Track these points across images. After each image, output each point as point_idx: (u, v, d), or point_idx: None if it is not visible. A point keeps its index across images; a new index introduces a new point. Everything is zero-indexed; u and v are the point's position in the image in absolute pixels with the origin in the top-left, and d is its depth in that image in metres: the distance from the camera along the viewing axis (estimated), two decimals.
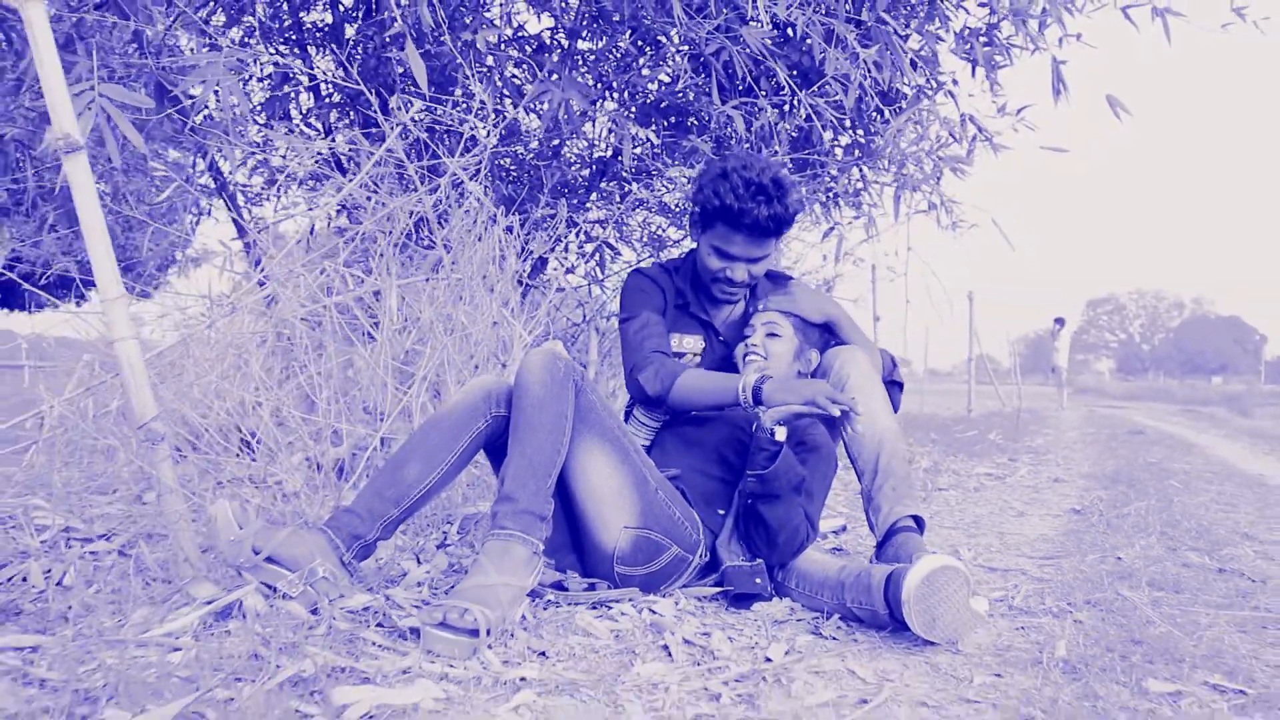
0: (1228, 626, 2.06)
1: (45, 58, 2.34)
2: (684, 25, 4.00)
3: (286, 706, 1.43)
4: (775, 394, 2.32)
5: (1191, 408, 19.14)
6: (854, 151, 5.75)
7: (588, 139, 5.70)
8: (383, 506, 2.04)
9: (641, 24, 4.49)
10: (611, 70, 5.22)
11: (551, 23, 5.17)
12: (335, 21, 5.19)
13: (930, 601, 1.86)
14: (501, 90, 4.84)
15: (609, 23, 4.82)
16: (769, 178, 2.49)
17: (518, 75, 5.22)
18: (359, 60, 5.00)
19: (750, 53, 4.14)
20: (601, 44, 5.25)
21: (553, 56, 5.02)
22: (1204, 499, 4.18)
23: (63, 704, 1.39)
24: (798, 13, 4.15)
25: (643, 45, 5.11)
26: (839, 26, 4.21)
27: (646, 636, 1.92)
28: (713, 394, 2.47)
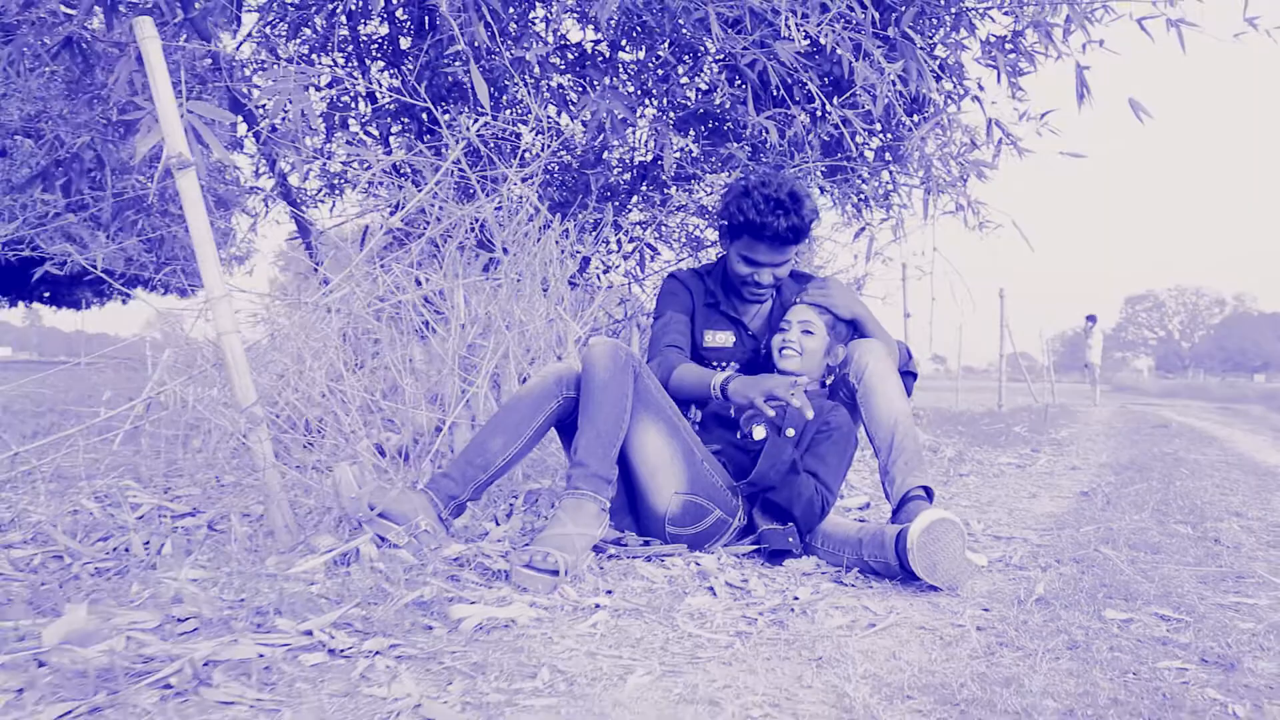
0: (1190, 578, 2.42)
1: (159, 84, 2.75)
2: (721, 40, 4.36)
3: (414, 620, 1.84)
4: (738, 390, 2.67)
5: (1229, 405, 19.21)
6: (884, 155, 6.09)
7: (629, 144, 6.07)
8: (473, 472, 2.46)
9: (681, 35, 4.85)
10: (652, 80, 5.60)
11: (596, 35, 5.54)
12: (391, 35, 5.59)
13: (931, 549, 2.24)
14: (548, 99, 5.22)
15: (649, 34, 5.19)
16: (785, 193, 2.88)
17: (564, 84, 5.62)
18: (413, 72, 5.40)
19: (783, 64, 4.49)
20: (641, 54, 5.64)
21: (596, 68, 5.41)
22: (1206, 484, 4.51)
23: (242, 615, 1.81)
24: (828, 29, 4.50)
25: (681, 54, 5.47)
26: (866, 41, 4.55)
27: (694, 581, 2.31)
28: (693, 388, 2.84)
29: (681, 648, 1.77)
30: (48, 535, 2.54)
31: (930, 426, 8.13)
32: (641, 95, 5.71)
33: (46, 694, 1.41)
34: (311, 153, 5.80)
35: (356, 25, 5.55)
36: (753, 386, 2.64)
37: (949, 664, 1.71)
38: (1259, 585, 2.36)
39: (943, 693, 1.52)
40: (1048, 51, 5.71)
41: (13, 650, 1.56)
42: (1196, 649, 1.79)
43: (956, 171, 6.09)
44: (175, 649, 1.59)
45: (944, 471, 5.04)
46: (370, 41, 5.77)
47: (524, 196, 4.15)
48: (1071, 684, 1.57)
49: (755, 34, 4.50)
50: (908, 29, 4.92)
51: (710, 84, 5.46)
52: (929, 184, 6.10)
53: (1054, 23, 5.54)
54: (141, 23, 2.84)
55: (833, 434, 2.71)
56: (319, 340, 3.87)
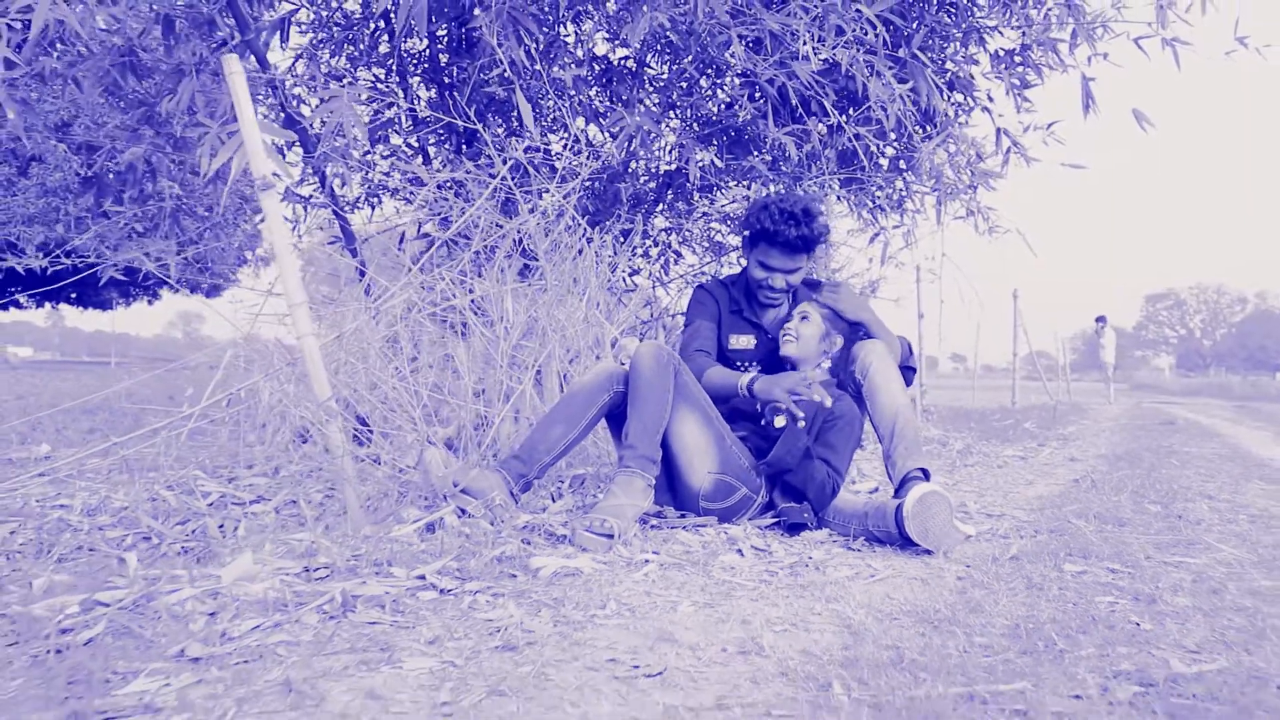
0: (1146, 545, 2.87)
1: (245, 114, 3.18)
2: (742, 59, 4.80)
3: (500, 570, 2.31)
4: (763, 389, 3.17)
5: (1248, 403, 19.50)
6: (898, 163, 6.52)
7: (655, 155, 6.51)
8: (538, 455, 2.93)
9: (705, 52, 5.29)
10: (677, 94, 6.06)
11: (624, 51, 5.99)
12: (432, 53, 6.03)
13: (923, 517, 2.69)
14: (579, 111, 5.65)
15: (674, 50, 5.64)
16: (799, 208, 3.35)
17: (596, 100, 6.07)
18: (453, 87, 5.86)
19: (801, 81, 4.92)
20: (667, 72, 6.10)
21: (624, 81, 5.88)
22: (1190, 472, 4.94)
23: (364, 565, 2.28)
24: (843, 50, 4.94)
25: (704, 69, 5.91)
26: (878, 62, 4.99)
27: (725, 545, 2.77)
28: (723, 387, 3.32)
29: (717, 589, 2.24)
30: (134, 519, 2.92)
31: (941, 422, 8.57)
32: (666, 108, 6.16)
33: (236, 614, 1.88)
34: (358, 164, 6.26)
35: (397, 41, 5.98)
36: (775, 384, 3.13)
37: (930, 598, 2.17)
38: (1204, 550, 2.81)
39: (922, 615, 1.99)
40: (1053, 65, 6.14)
41: (199, 584, 2.03)
42: (1129, 590, 2.24)
43: (967, 179, 6.53)
44: (320, 588, 2.06)
45: (951, 462, 5.48)
46: (410, 57, 6.18)
47: (563, 210, 4.61)
48: (1022, 609, 2.03)
49: (775, 55, 4.92)
50: (917, 50, 5.35)
51: (732, 98, 5.89)
52: (940, 191, 6.52)
53: (1059, 38, 5.97)
54: (229, 60, 3.24)
55: (839, 423, 3.17)
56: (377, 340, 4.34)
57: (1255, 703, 1.49)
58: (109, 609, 1.88)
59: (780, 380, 3.15)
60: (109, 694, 1.46)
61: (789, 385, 3.10)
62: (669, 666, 1.66)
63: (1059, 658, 1.69)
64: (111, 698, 1.45)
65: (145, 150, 6.00)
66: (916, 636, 1.84)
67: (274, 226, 3.27)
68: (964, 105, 6.43)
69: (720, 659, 1.71)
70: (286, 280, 3.17)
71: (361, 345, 4.34)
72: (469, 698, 1.48)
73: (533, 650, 1.73)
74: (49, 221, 14.87)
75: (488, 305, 4.52)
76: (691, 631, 1.88)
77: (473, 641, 1.77)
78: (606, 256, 4.76)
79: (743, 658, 1.72)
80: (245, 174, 3.32)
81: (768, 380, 3.19)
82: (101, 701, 1.43)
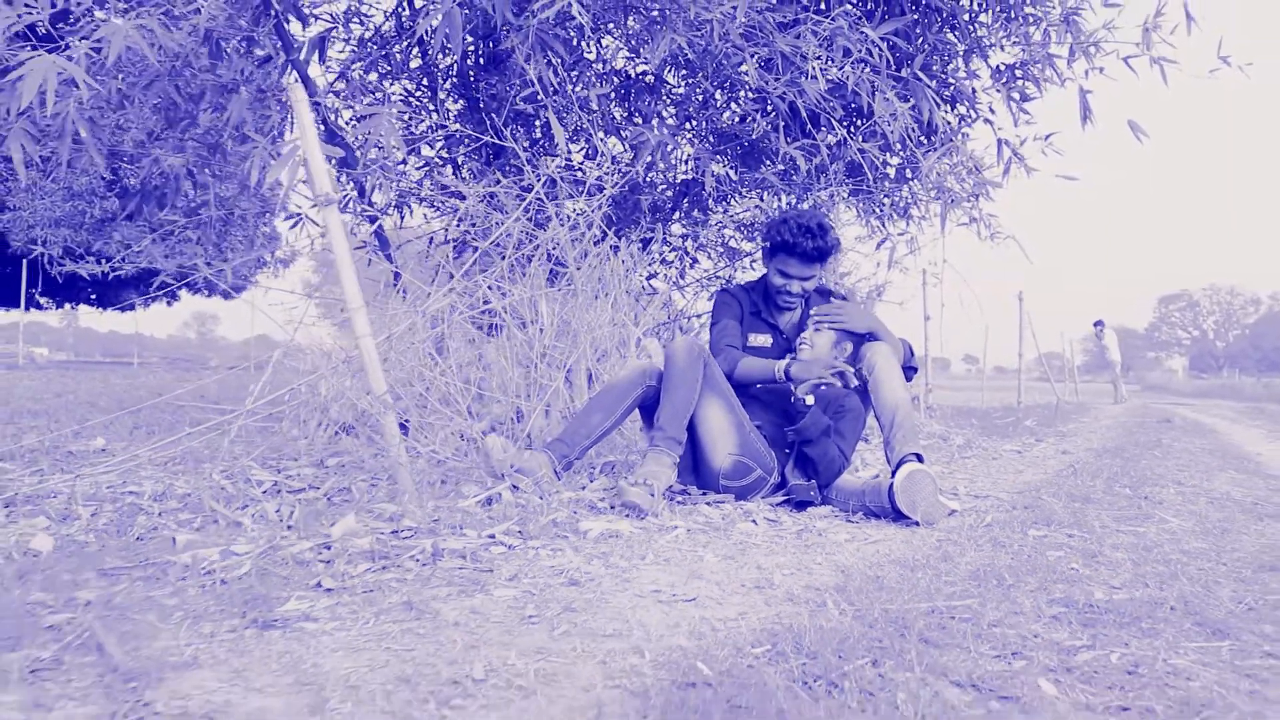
0: (1107, 518, 3.35)
1: (308, 136, 3.60)
2: (755, 78, 5.28)
3: (554, 532, 2.80)
4: (799, 371, 3.70)
5: (1259, 404, 19.88)
6: (904, 172, 7.00)
7: (672, 165, 6.98)
8: (579, 439, 3.45)
9: (721, 70, 5.76)
10: (693, 106, 6.55)
11: (645, 66, 6.46)
12: (461, 68, 6.49)
13: (911, 491, 3.18)
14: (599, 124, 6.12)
15: (691, 67, 6.12)
16: (815, 223, 3.85)
17: (616, 112, 6.56)
18: (482, 100, 6.34)
19: (809, 99, 5.38)
20: (683, 87, 6.58)
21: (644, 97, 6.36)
22: (1169, 463, 5.41)
23: (441, 527, 2.77)
24: (850, 70, 5.42)
25: (719, 84, 6.39)
26: (881, 82, 5.46)
27: (741, 516, 3.26)
28: (759, 373, 3.84)
29: (736, 547, 2.73)
30: (198, 504, 3.26)
31: (945, 420, 9.05)
32: (683, 120, 6.65)
33: (349, 560, 2.38)
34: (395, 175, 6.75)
35: (429, 57, 6.45)
36: (809, 369, 3.69)
37: (910, 551, 2.67)
38: (1155, 522, 3.29)
39: (902, 562, 2.48)
40: (1051, 79, 6.61)
41: (313, 536, 2.53)
42: (1078, 548, 2.73)
43: (968, 188, 7.00)
44: (410, 544, 2.56)
45: (950, 455, 5.96)
46: (439, 71, 6.63)
47: (591, 222, 5.10)
48: (985, 559, 2.52)
49: (786, 75, 5.38)
50: (919, 71, 5.82)
51: (745, 113, 6.37)
52: (943, 199, 7.00)
53: (1058, 54, 6.44)
54: (294, 87, 3.67)
55: (847, 414, 3.66)
56: (423, 340, 4.83)
57: (1148, 616, 1.98)
58: (244, 557, 2.37)
59: (817, 364, 3.71)
60: (274, 609, 1.96)
61: (822, 369, 3.66)
62: (700, 595, 2.15)
63: (1007, 589, 2.18)
64: (278, 611, 1.94)
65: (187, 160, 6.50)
66: (895, 574, 2.33)
67: (335, 238, 3.69)
68: (967, 117, 6.91)
69: (739, 590, 2.21)
70: (346, 287, 3.59)
71: (413, 344, 4.83)
72: (549, 612, 1.98)
73: (592, 584, 2.22)
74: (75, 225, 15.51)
75: (521, 309, 5.00)
76: (716, 573, 2.37)
77: (543, 579, 2.27)
78: (630, 263, 5.25)
79: (757, 590, 2.21)
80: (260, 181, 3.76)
81: (802, 364, 3.72)
82: (272, 613, 1.92)
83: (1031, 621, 1.94)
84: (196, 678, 1.54)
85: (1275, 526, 3.37)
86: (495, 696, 1.50)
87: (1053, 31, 6.38)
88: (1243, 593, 2.26)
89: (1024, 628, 1.89)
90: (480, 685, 1.54)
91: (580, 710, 1.44)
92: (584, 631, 1.86)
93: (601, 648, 1.75)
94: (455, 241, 6.23)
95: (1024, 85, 6.67)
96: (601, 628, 1.89)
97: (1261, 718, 1.45)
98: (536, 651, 1.72)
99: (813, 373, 3.66)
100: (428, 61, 6.52)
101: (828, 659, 1.62)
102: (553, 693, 1.52)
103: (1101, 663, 1.68)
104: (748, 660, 1.64)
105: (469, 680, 1.56)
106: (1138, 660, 1.70)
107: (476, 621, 1.91)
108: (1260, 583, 2.38)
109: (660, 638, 1.82)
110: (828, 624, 1.87)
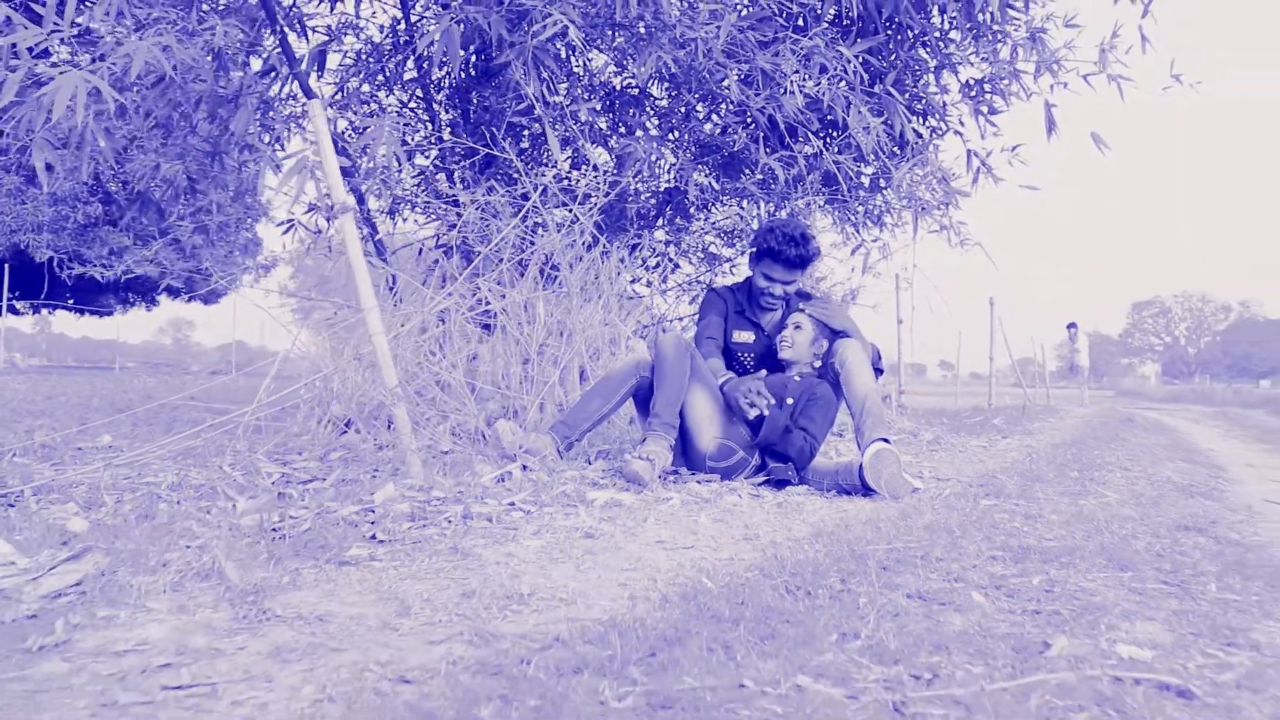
0: (1052, 494, 3.81)
1: (326, 151, 3.99)
2: (737, 94, 5.71)
3: (564, 502, 3.23)
4: (729, 389, 4.05)
5: (1225, 409, 20.49)
6: (878, 182, 7.45)
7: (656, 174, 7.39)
8: (579, 422, 3.88)
9: (704, 84, 6.19)
10: (676, 118, 6.98)
11: (629, 79, 6.88)
12: (454, 80, 6.87)
13: (878, 467, 3.63)
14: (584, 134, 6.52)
15: (675, 81, 6.55)
16: (799, 232, 4.29)
17: (602, 123, 6.98)
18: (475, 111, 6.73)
19: (787, 112, 5.80)
20: (666, 99, 7.01)
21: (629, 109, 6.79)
22: (1122, 454, 5.89)
23: (465, 496, 3.19)
24: (825, 86, 5.86)
25: (702, 97, 6.82)
26: (855, 98, 5.90)
27: (727, 491, 3.70)
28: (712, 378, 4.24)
29: (725, 512, 3.17)
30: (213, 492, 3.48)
31: (915, 418, 9.52)
32: (667, 131, 7.08)
33: (393, 520, 2.80)
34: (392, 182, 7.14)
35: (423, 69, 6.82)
36: (736, 389, 4.03)
37: (876, 514, 3.11)
38: (1095, 496, 3.75)
39: (868, 521, 2.93)
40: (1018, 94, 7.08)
41: (358, 503, 2.95)
42: (1021, 513, 3.18)
43: (939, 196, 7.47)
44: (441, 509, 2.98)
45: (918, 450, 6.42)
46: (433, 83, 7.00)
47: (585, 228, 5.53)
48: (939, 519, 2.97)
49: (766, 90, 5.81)
50: (890, 88, 6.27)
51: (726, 125, 6.81)
52: (915, 207, 7.46)
53: (1024, 70, 6.93)
54: (313, 105, 4.08)
55: (819, 401, 4.11)
56: (428, 338, 5.23)
57: (1069, 555, 2.42)
58: (302, 518, 2.79)
59: (739, 385, 4.03)
60: (343, 553, 2.37)
61: (743, 390, 3.98)
62: (697, 545, 2.59)
63: (955, 538, 2.63)
64: (346, 555, 2.36)
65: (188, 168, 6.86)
66: (861, 527, 2.78)
67: (350, 243, 4.08)
68: (937, 130, 7.37)
69: (730, 541, 2.64)
70: (361, 288, 3.96)
71: (417, 342, 5.23)
72: (573, 553, 2.41)
73: (605, 537, 2.65)
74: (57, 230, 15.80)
75: (517, 309, 5.41)
76: (710, 530, 2.81)
77: (563, 533, 2.70)
78: (618, 267, 5.68)
79: (745, 540, 2.65)
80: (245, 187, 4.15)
81: (732, 383, 4.08)
82: (342, 555, 2.34)
83: (972, 559, 2.38)
84: (299, 596, 1.96)
85: (1205, 503, 3.83)
86: (542, 605, 1.92)
87: (1020, 49, 6.85)
88: (1155, 544, 2.71)
89: (965, 562, 2.33)
90: (528, 599, 1.97)
91: (613, 609, 1.87)
92: (604, 567, 2.29)
93: (621, 576, 2.19)
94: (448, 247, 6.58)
95: (992, 99, 7.13)
96: (619, 565, 2.32)
97: (1138, 615, 1.90)
98: (568, 580, 2.15)
99: (738, 392, 3.98)
100: (423, 74, 6.88)
101: (805, 577, 2.06)
102: (588, 602, 1.95)
103: (1025, 584, 2.12)
104: (742, 580, 2.07)
105: (519, 596, 1.98)
106: (1054, 582, 2.14)
107: (513, 561, 2.34)
108: (1173, 538, 2.83)
109: (668, 571, 2.25)
110: (805, 556, 2.31)
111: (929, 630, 1.71)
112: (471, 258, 6.04)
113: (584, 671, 1.44)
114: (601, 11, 5.42)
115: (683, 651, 1.53)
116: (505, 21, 5.03)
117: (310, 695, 1.40)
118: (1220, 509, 3.67)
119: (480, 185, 6.08)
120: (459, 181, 6.92)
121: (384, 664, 1.53)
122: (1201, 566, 2.42)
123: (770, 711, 1.30)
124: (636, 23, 5.70)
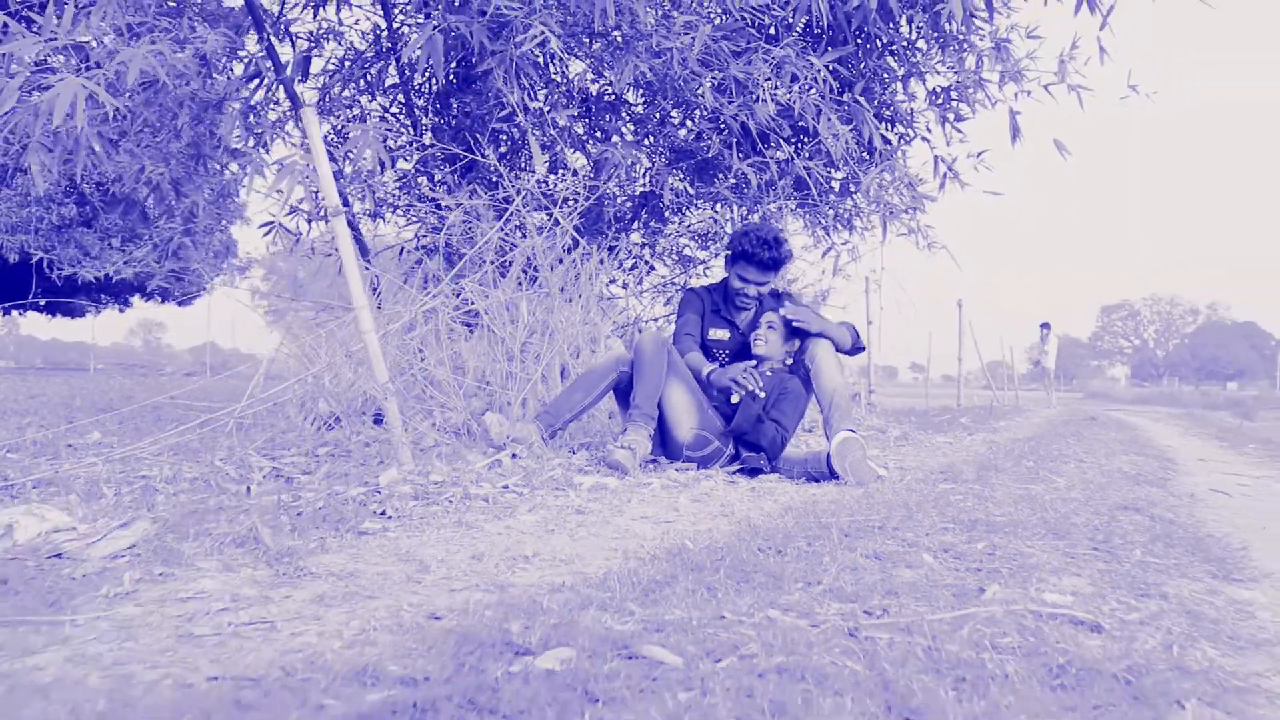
0: (1007, 480, 4.12)
1: (319, 156, 4.21)
2: (711, 101, 5.98)
3: (554, 483, 3.51)
4: (716, 378, 4.39)
5: (1191, 410, 21.01)
6: (848, 186, 7.75)
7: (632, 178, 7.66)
8: (563, 412, 4.18)
9: (679, 92, 6.47)
10: (652, 124, 7.26)
11: (606, 85, 7.14)
12: (435, 86, 7.10)
13: (844, 454, 3.93)
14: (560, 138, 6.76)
15: (650, 87, 6.82)
16: (772, 236, 4.59)
17: (579, 128, 7.24)
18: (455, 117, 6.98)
19: (759, 119, 6.08)
20: (642, 105, 7.29)
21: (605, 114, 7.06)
22: (1080, 448, 6.23)
23: (463, 480, 3.47)
24: (796, 94, 6.16)
25: (676, 103, 7.09)
26: (826, 108, 6.20)
27: (704, 478, 3.99)
28: (693, 368, 4.53)
29: (703, 494, 3.47)
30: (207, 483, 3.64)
31: (884, 416, 9.86)
32: (642, 136, 7.35)
33: (398, 500, 3.07)
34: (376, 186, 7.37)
35: (405, 75, 7.05)
36: (724, 374, 4.37)
37: (840, 495, 3.42)
38: (1046, 482, 4.07)
39: (833, 501, 3.23)
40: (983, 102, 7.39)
41: (363, 485, 3.22)
42: (974, 494, 3.49)
43: (907, 201, 7.78)
44: (441, 491, 3.25)
45: (885, 445, 6.73)
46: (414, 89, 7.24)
47: (565, 231, 5.80)
48: (899, 499, 3.27)
49: (739, 99, 6.10)
50: (859, 97, 6.57)
51: (700, 131, 7.09)
52: (883, 211, 7.76)
53: (989, 79, 7.24)
54: (307, 113, 4.29)
55: (790, 395, 4.41)
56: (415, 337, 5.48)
57: (1013, 527, 2.73)
58: (313, 499, 3.05)
59: (728, 370, 4.38)
60: (359, 525, 2.64)
61: (733, 374, 4.33)
62: (678, 520, 2.88)
63: (911, 512, 2.93)
64: (361, 527, 2.63)
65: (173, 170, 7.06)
66: (827, 504, 3.08)
67: (343, 245, 4.30)
68: (905, 136, 7.68)
69: (709, 517, 2.94)
70: (353, 287, 4.17)
71: (403, 340, 5.49)
72: (567, 526, 2.70)
73: (594, 514, 2.94)
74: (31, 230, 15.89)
75: (500, 309, 5.67)
76: (689, 508, 3.11)
77: (555, 510, 2.98)
78: (597, 268, 5.97)
79: (723, 516, 2.95)
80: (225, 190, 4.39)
81: (719, 372, 4.42)
82: (359, 527, 2.61)
83: (925, 529, 2.68)
84: (328, 558, 2.23)
85: (1149, 489, 4.15)
86: (544, 564, 2.21)
87: (985, 58, 7.16)
88: (1094, 519, 3.02)
89: (919, 531, 2.63)
90: (532, 559, 2.25)
91: (608, 565, 2.16)
92: (596, 536, 2.58)
93: (612, 543, 2.48)
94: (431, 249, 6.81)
95: (958, 107, 7.43)
96: (609, 534, 2.61)
97: (1066, 571, 2.20)
98: (565, 545, 2.44)
99: (723, 381, 4.34)
100: (405, 80, 7.10)
101: (776, 540, 2.36)
102: (585, 562, 2.24)
103: (970, 549, 2.42)
104: (720, 544, 2.36)
105: (523, 557, 2.27)
106: (996, 547, 2.44)
107: (514, 532, 2.62)
108: (1111, 515, 3.14)
109: (654, 538, 2.55)
110: (775, 526, 2.61)
111: (882, 580, 2.01)
112: (454, 259, 6.28)
113: (589, 607, 1.72)
114: (580, 20, 5.67)
115: (671, 592, 1.82)
116: (487, 30, 5.27)
117: (358, 627, 1.67)
118: (1163, 494, 3.98)
119: (463, 190, 6.33)
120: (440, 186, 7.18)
121: (415, 605, 1.81)
122: (1132, 538, 2.73)
123: (745, 635, 1.58)
124: (613, 32, 5.96)
